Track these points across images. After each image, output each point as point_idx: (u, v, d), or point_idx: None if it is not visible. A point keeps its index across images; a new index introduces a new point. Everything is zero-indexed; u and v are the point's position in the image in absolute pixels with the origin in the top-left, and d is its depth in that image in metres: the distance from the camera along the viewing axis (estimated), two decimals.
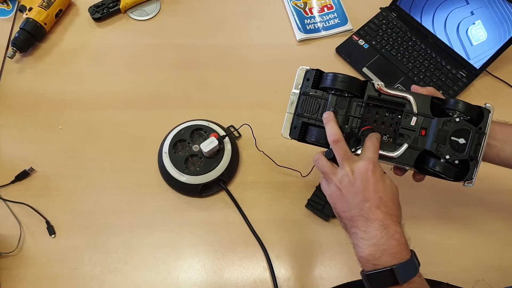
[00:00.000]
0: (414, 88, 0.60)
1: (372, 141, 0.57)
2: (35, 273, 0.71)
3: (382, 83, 0.59)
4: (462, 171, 0.57)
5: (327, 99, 0.60)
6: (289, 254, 0.75)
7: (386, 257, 0.49)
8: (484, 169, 0.58)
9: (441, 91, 0.90)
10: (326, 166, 0.56)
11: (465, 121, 0.56)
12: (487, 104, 0.57)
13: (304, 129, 0.61)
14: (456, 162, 0.56)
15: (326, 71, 0.61)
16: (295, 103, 0.62)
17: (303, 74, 0.61)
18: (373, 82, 0.59)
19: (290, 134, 0.62)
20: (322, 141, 0.59)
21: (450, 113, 0.57)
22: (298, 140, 0.62)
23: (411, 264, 0.50)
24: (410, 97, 0.57)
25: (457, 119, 0.56)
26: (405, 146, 0.57)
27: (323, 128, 0.58)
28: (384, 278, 0.49)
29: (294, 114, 0.62)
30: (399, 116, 0.58)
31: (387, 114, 0.60)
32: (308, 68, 0.62)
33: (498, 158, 0.58)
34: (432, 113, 0.57)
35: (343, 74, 0.59)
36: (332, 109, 0.59)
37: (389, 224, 0.51)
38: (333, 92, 0.60)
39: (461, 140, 0.55)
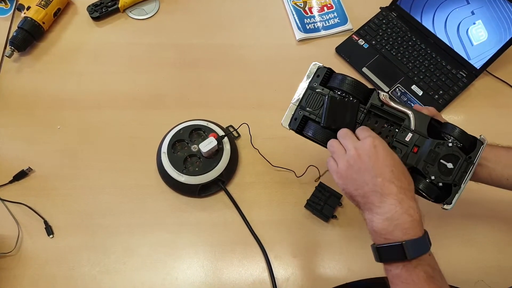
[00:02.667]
0: (416, 107, 0.61)
1: (363, 127, 0.58)
2: (33, 273, 0.71)
3: (388, 94, 0.60)
4: (443, 194, 0.57)
5: None
6: (288, 254, 0.74)
7: (398, 232, 0.50)
8: None
9: (441, 91, 0.89)
10: (335, 146, 0.57)
11: (457, 148, 0.57)
12: (481, 136, 0.58)
13: (304, 122, 0.62)
14: (440, 184, 0.56)
15: (336, 72, 0.62)
16: (301, 95, 0.62)
17: (315, 70, 0.62)
18: (379, 92, 0.60)
19: (289, 125, 0.63)
20: (318, 137, 0.59)
21: (445, 137, 0.58)
22: (296, 132, 0.63)
23: (422, 242, 0.50)
24: (410, 114, 0.58)
25: (450, 144, 0.57)
26: None
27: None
28: (394, 252, 0.50)
29: (298, 106, 0.62)
30: (396, 130, 0.59)
31: (385, 126, 0.61)
32: (321, 65, 0.62)
33: (490, 177, 0.60)
34: (428, 134, 0.58)
35: (352, 78, 0.60)
36: None
37: (403, 199, 0.51)
38: (339, 93, 0.61)
39: (449, 165, 0.56)
